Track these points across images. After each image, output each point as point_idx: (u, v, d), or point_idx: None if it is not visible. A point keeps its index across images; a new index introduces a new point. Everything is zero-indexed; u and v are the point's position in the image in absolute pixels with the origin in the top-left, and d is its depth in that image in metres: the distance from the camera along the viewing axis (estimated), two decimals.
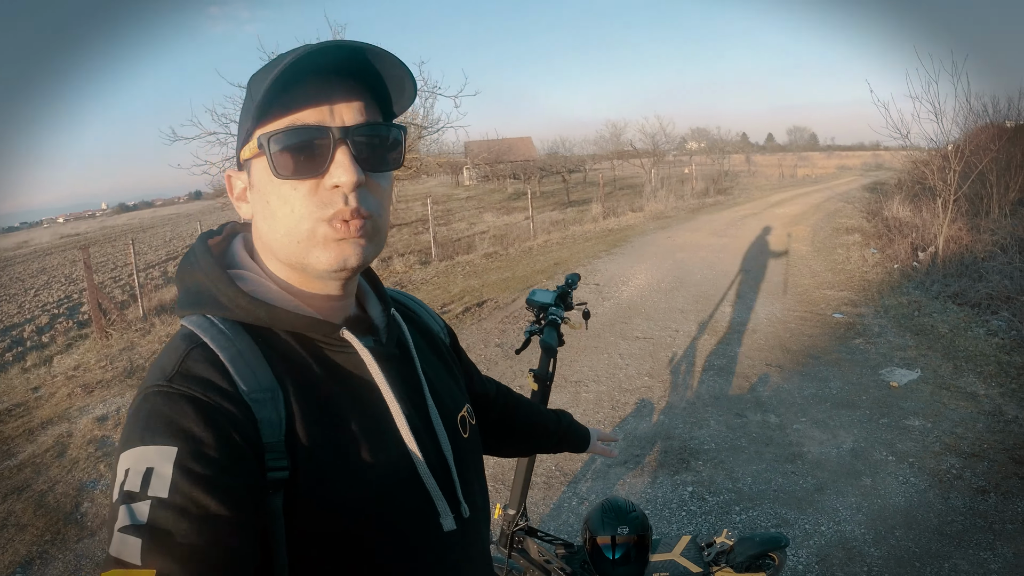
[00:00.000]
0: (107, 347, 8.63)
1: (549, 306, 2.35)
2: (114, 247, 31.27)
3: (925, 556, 3.32)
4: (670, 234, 15.43)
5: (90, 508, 4.34)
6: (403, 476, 0.88)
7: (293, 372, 0.83)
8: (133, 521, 0.64)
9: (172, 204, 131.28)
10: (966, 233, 10.20)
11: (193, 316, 0.85)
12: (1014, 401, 5.01)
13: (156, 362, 0.80)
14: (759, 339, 6.92)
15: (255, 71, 0.87)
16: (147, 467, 0.67)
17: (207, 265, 0.87)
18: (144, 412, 0.72)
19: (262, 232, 0.87)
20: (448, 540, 0.92)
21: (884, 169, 40.44)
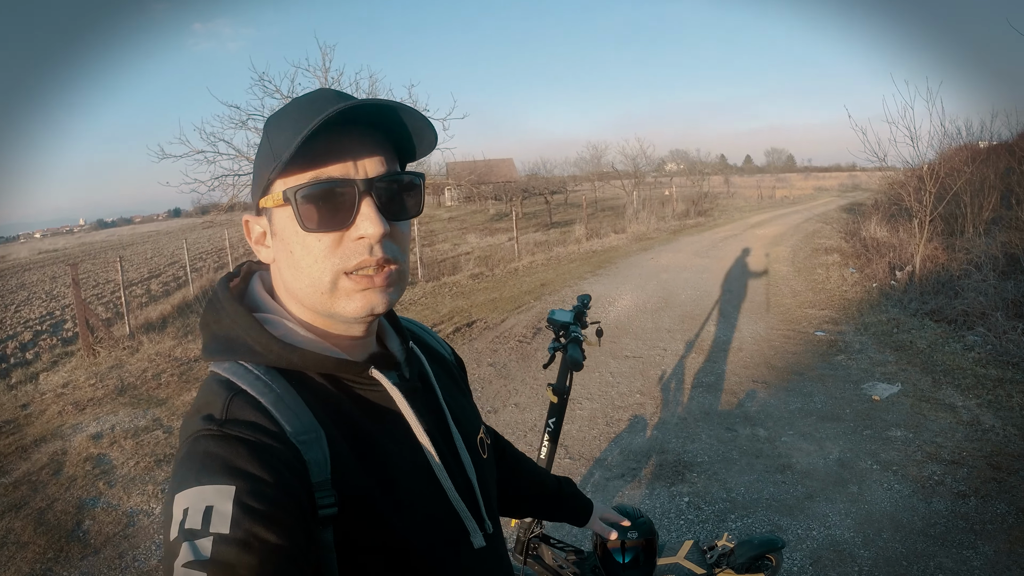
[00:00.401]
0: (95, 365, 8.58)
1: (569, 324, 2.51)
2: (94, 263, 30.77)
3: (912, 556, 3.49)
4: (653, 255, 15.64)
5: (92, 526, 4.33)
6: (436, 502, 0.93)
7: (330, 412, 0.86)
8: (197, 557, 0.66)
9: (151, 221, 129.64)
10: (942, 252, 10.44)
11: (225, 363, 0.87)
12: (990, 411, 5.22)
13: (195, 409, 0.83)
14: (745, 357, 7.10)
15: (272, 115, 0.91)
16: (207, 505, 0.69)
17: (235, 312, 0.89)
18: (198, 454, 0.74)
19: (286, 279, 0.89)
20: (478, 556, 0.98)
21: (861, 190, 41.05)
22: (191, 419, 0.81)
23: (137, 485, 4.85)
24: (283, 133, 0.83)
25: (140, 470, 5.10)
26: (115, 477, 5.00)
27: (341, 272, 0.84)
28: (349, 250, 0.84)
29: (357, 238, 0.83)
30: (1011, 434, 4.80)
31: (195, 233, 39.49)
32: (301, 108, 0.85)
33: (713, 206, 33.10)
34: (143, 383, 7.47)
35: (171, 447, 5.48)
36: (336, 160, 0.83)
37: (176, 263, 26.64)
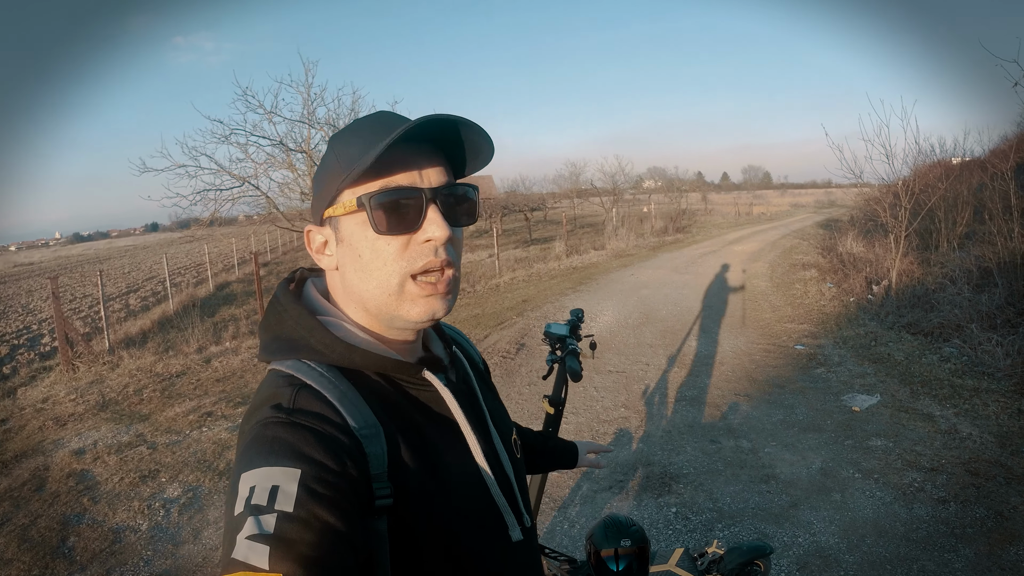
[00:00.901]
0: (75, 380, 8.50)
1: (566, 337, 2.56)
2: (71, 277, 30.27)
3: (895, 560, 3.57)
4: (633, 271, 15.73)
5: (77, 542, 4.28)
6: (480, 497, 0.99)
7: (387, 409, 0.92)
8: (260, 531, 0.70)
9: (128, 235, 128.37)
10: (917, 267, 10.62)
11: (288, 361, 0.92)
12: (967, 420, 5.34)
13: (261, 400, 0.87)
14: (726, 371, 7.19)
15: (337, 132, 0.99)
16: (273, 484, 0.73)
17: (298, 314, 0.95)
18: (267, 438, 0.79)
19: (352, 283, 0.95)
20: (516, 549, 1.04)
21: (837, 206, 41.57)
22: (257, 409, 0.86)
23: (122, 501, 4.81)
24: (352, 147, 0.91)
25: (125, 486, 5.05)
26: (99, 493, 4.96)
27: (408, 275, 0.91)
28: (416, 252, 0.91)
29: (424, 241, 0.90)
30: (988, 441, 4.91)
31: (173, 248, 39.17)
32: (369, 125, 0.93)
33: (691, 223, 33.33)
34: (125, 399, 7.42)
35: (156, 463, 5.44)
36: (404, 171, 0.90)
37: (154, 278, 26.35)
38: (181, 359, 9.13)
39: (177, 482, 5.09)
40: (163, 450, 5.72)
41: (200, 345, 10.05)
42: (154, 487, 5.03)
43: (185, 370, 8.57)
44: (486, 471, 1.00)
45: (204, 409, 6.77)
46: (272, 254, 34.28)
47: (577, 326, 2.70)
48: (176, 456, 5.59)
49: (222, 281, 22.12)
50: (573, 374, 2.40)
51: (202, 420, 6.45)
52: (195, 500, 4.79)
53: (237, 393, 7.35)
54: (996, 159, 11.92)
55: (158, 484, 5.08)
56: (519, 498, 1.09)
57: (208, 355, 9.38)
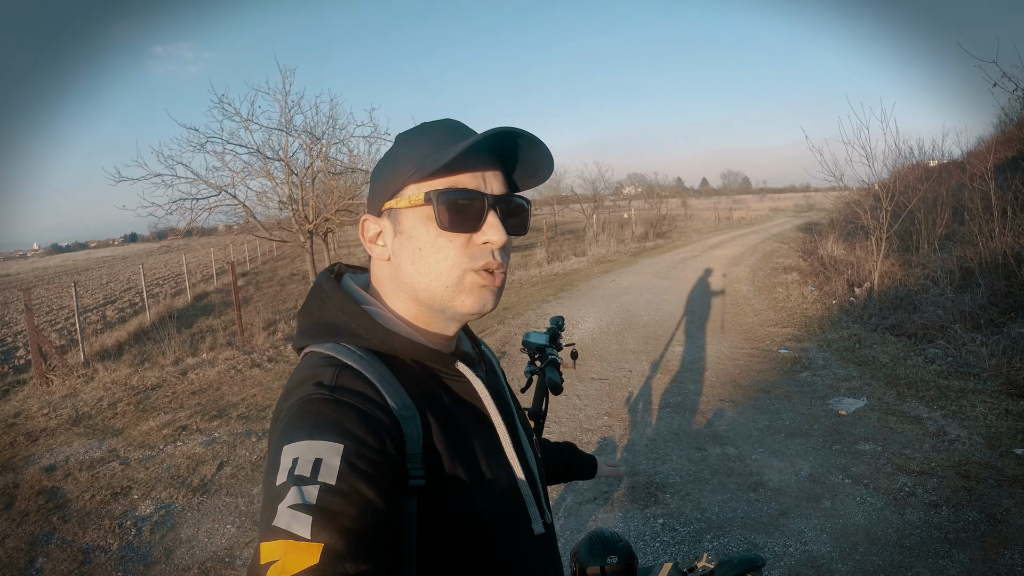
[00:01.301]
0: (48, 393, 8.33)
1: (545, 347, 2.45)
2: (48, 289, 29.95)
3: (889, 568, 3.48)
4: (615, 277, 15.73)
5: (46, 563, 4.15)
6: (508, 488, 1.00)
7: (422, 395, 0.94)
8: (304, 501, 0.72)
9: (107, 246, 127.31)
10: (899, 268, 10.65)
11: (327, 343, 0.95)
12: (955, 421, 5.29)
13: (302, 378, 0.89)
14: (710, 376, 7.12)
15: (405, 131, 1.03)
16: (316, 457, 0.75)
17: (341, 300, 0.98)
18: (311, 413, 0.81)
19: (406, 274, 0.97)
20: (537, 542, 1.04)
21: (816, 210, 41.91)
22: (299, 386, 0.88)
23: (93, 520, 4.67)
24: (424, 147, 0.96)
25: (96, 504, 4.91)
26: (70, 512, 4.81)
27: (468, 270, 0.94)
28: (476, 252, 0.94)
29: (483, 243, 0.94)
30: (977, 443, 4.86)
31: (152, 258, 38.83)
32: (441, 128, 0.99)
33: (672, 228, 33.51)
34: (98, 412, 7.26)
35: (128, 479, 5.31)
36: (470, 174, 0.95)
37: (132, 288, 26.04)
38: (157, 371, 8.96)
39: (149, 499, 4.95)
40: (136, 466, 5.58)
41: (177, 357, 9.89)
42: (126, 505, 4.90)
43: (160, 383, 8.40)
44: (514, 462, 1.02)
45: (179, 423, 6.62)
46: (252, 263, 34.06)
47: (557, 335, 2.59)
48: (149, 472, 5.44)
49: (200, 291, 21.89)
50: (553, 387, 2.29)
51: (176, 434, 6.30)
52: (167, 518, 4.65)
53: (213, 406, 7.19)
54: (975, 160, 12.00)
55: (130, 502, 4.94)
56: (542, 493, 1.11)
57: (184, 367, 9.22)
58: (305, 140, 12.14)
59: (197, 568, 3.99)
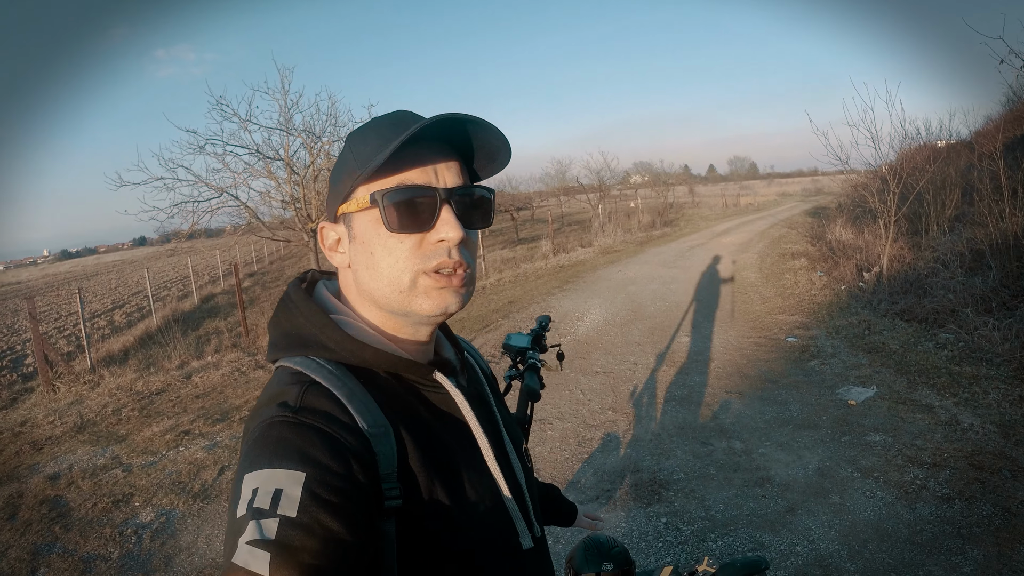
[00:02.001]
0: (55, 401, 8.33)
1: (527, 350, 2.35)
2: (58, 295, 30.17)
3: (900, 566, 3.38)
4: (621, 268, 15.65)
5: (47, 573, 4.14)
6: (492, 502, 0.95)
7: (397, 409, 0.89)
8: (262, 536, 0.68)
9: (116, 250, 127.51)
10: (908, 251, 10.51)
11: (296, 357, 0.90)
12: (968, 409, 5.17)
13: (268, 398, 0.85)
14: (717, 367, 7.02)
15: (355, 129, 0.97)
16: (276, 488, 0.71)
17: (309, 311, 0.93)
18: (272, 439, 0.76)
19: (362, 281, 0.92)
20: (526, 558, 1.00)
21: (824, 194, 41.74)
22: (264, 407, 0.83)
23: (94, 528, 4.64)
24: (368, 144, 0.90)
25: (97, 512, 4.89)
26: (72, 520, 4.79)
27: (421, 272, 0.89)
28: (429, 252, 0.89)
29: (437, 241, 0.89)
30: (990, 432, 4.75)
31: (160, 262, 39.02)
32: (387, 123, 0.92)
33: (679, 216, 33.42)
34: (103, 419, 7.23)
35: (130, 486, 5.27)
36: (419, 169, 0.89)
37: (140, 293, 26.20)
38: (162, 376, 8.94)
39: (151, 506, 4.92)
40: (138, 472, 5.55)
41: (182, 360, 9.90)
42: (127, 512, 4.87)
43: (165, 387, 8.38)
44: (498, 476, 0.97)
45: (182, 428, 6.59)
46: (258, 264, 34.17)
47: (541, 336, 2.49)
48: (151, 479, 5.41)
49: (207, 293, 21.99)
50: (530, 393, 2.20)
51: (179, 439, 6.26)
52: (168, 525, 4.61)
53: (216, 409, 7.15)
54: (984, 139, 11.83)
55: (131, 509, 4.92)
56: (530, 506, 1.06)
57: (189, 370, 9.20)
58: (305, 139, 12.11)
59: (195, 575, 3.94)
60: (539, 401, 2.28)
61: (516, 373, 2.30)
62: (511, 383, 2.29)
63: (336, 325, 0.91)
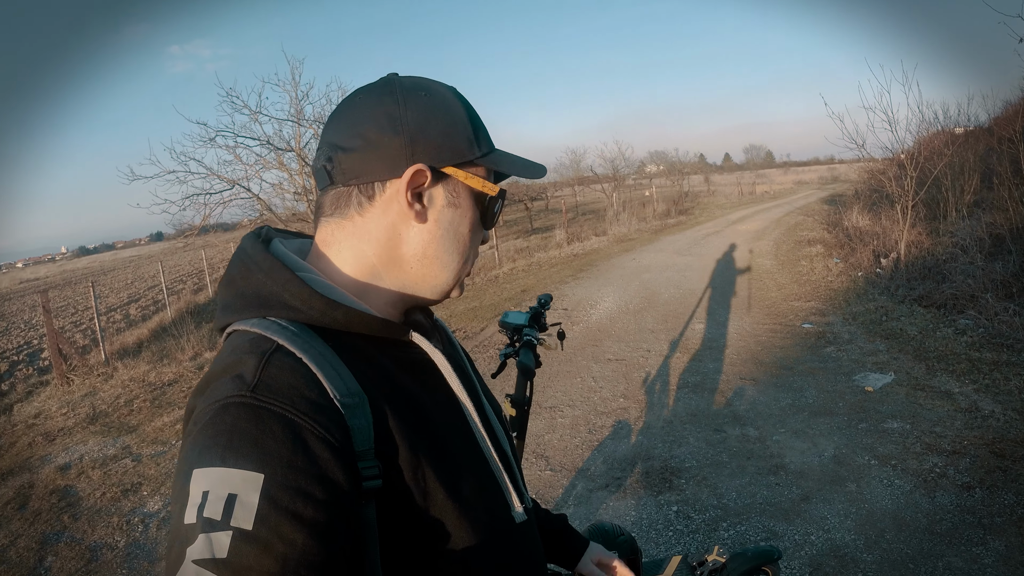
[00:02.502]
0: (68, 393, 8.40)
1: (523, 327, 2.27)
2: (74, 291, 30.66)
3: (918, 557, 3.28)
4: (635, 256, 15.55)
5: (54, 562, 4.15)
6: (481, 473, 0.88)
7: (371, 375, 0.79)
8: (212, 554, 0.60)
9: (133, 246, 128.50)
10: (926, 237, 10.37)
11: (252, 319, 0.79)
12: (988, 396, 5.05)
13: (222, 367, 0.73)
14: (731, 354, 6.92)
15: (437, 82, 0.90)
16: (229, 492, 0.62)
17: (270, 266, 0.81)
18: (226, 427, 0.66)
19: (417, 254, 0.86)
20: (519, 531, 0.93)
21: (840, 182, 41.42)
22: (215, 380, 0.72)
23: (102, 517, 4.67)
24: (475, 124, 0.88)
25: (106, 501, 4.92)
26: (80, 510, 4.83)
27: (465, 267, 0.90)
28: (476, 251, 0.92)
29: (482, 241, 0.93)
30: (1012, 419, 4.62)
31: (175, 256, 39.29)
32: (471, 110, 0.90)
33: (694, 205, 33.30)
34: (115, 410, 7.28)
35: (139, 476, 5.30)
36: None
37: (155, 287, 26.45)
38: (175, 367, 8.99)
39: (158, 495, 4.94)
40: (147, 462, 5.58)
41: (195, 351, 9.94)
42: (135, 501, 4.90)
43: (177, 378, 8.42)
44: (486, 443, 0.90)
45: None
46: None
47: (540, 314, 2.41)
48: (160, 468, 5.44)
49: None
50: (524, 370, 2.12)
51: None
52: None
53: None
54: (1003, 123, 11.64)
55: (139, 498, 4.94)
56: (518, 475, 0.99)
57: (202, 361, 9.26)
58: (317, 129, 12.10)
59: None
60: (535, 379, 2.20)
61: (512, 351, 2.23)
62: (506, 361, 2.22)
63: (302, 281, 0.80)
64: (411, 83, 0.86)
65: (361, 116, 0.83)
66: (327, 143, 0.85)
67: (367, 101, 0.84)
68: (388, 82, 0.86)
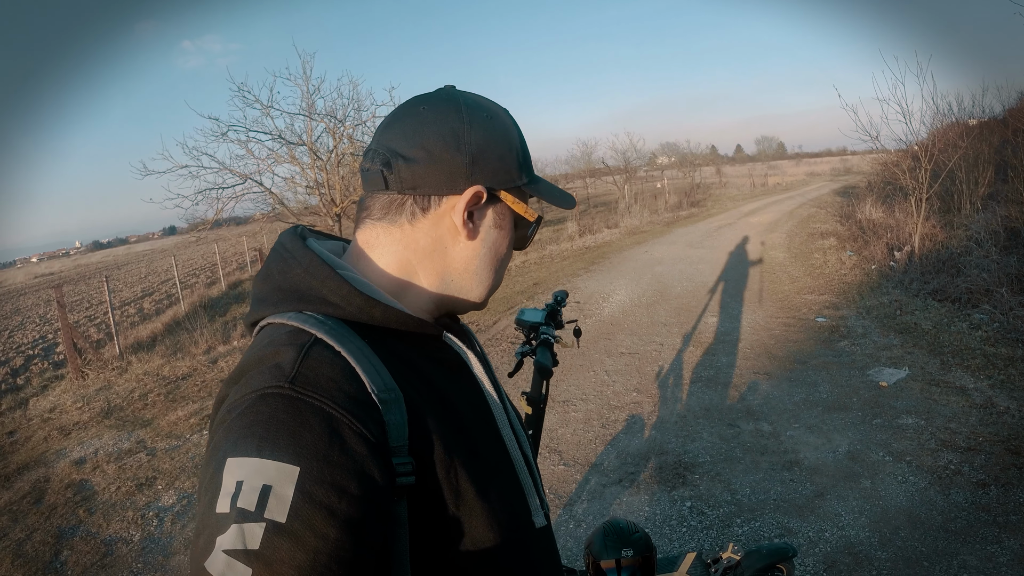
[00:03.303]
0: (83, 387, 8.43)
1: (540, 325, 2.26)
2: (88, 285, 30.77)
3: (933, 555, 3.27)
4: (647, 248, 15.51)
5: (70, 556, 4.18)
6: (508, 477, 0.90)
7: (407, 373, 0.80)
8: (244, 545, 0.60)
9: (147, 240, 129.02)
10: (940, 230, 10.30)
11: (289, 313, 0.80)
12: (1004, 392, 5.02)
13: (258, 357, 0.74)
14: (744, 347, 6.90)
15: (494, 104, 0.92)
16: (264, 484, 0.62)
17: (309, 261, 0.82)
18: (263, 417, 0.66)
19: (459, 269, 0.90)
20: (539, 535, 0.93)
21: (853, 173, 41.12)
22: (253, 369, 0.73)
23: (117, 511, 4.69)
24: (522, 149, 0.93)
25: (121, 495, 4.94)
26: (95, 504, 4.84)
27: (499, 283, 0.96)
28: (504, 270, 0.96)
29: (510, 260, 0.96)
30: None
31: (188, 250, 39.38)
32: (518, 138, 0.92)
33: (706, 196, 33.14)
34: (129, 404, 7.31)
35: (153, 470, 5.32)
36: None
37: (169, 280, 26.55)
38: (188, 361, 9.02)
39: (173, 489, 4.97)
40: (162, 456, 5.61)
41: (209, 345, 9.99)
42: (150, 495, 4.92)
43: (191, 372, 8.45)
44: (513, 447, 0.92)
45: (206, 412, 6.64)
46: None
47: (556, 311, 2.39)
48: (174, 462, 5.46)
49: (235, 280, 22.21)
50: (541, 369, 2.11)
51: (203, 423, 6.32)
52: (189, 508, 4.65)
53: None
54: (1018, 115, 11.54)
55: (154, 492, 4.96)
56: (539, 481, 1.00)
57: (215, 355, 9.29)
58: (328, 123, 12.11)
59: None
60: (552, 378, 2.19)
61: (528, 349, 2.22)
62: (523, 359, 2.21)
63: (342, 278, 0.81)
64: (473, 102, 0.88)
65: (425, 128, 0.84)
66: (386, 148, 0.85)
67: (431, 114, 0.85)
68: (451, 97, 0.88)
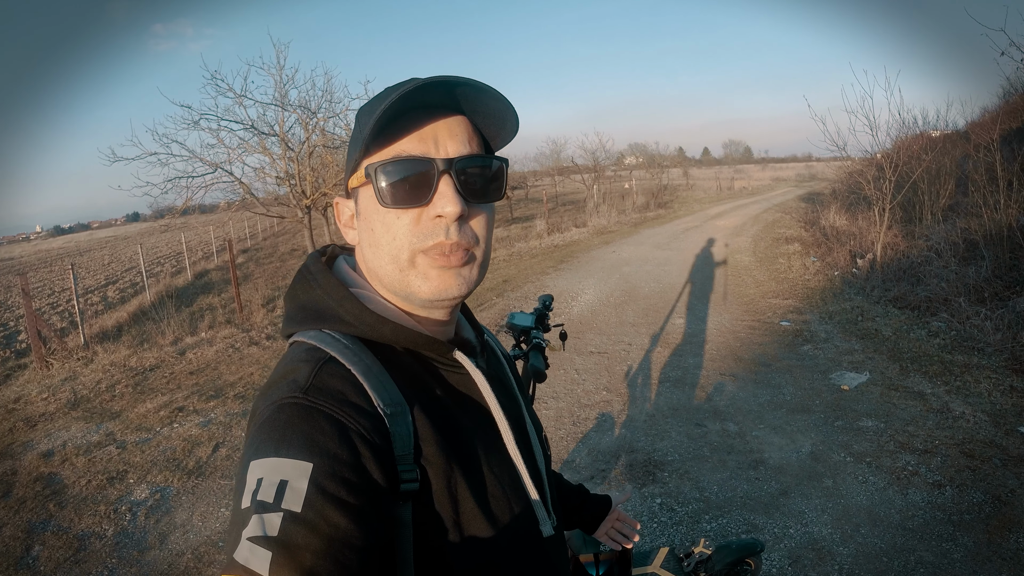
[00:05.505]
0: (48, 377, 8.28)
1: (531, 329, 2.32)
2: (51, 271, 30.00)
3: (891, 551, 3.42)
4: (615, 248, 15.65)
5: (42, 551, 4.10)
6: (512, 488, 0.92)
7: (415, 387, 0.86)
8: (264, 532, 0.65)
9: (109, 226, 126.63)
10: (902, 239, 10.55)
11: (311, 332, 0.87)
12: (959, 398, 5.21)
13: (280, 374, 0.82)
14: (711, 349, 7.04)
15: (363, 104, 0.92)
16: (281, 479, 0.68)
17: (328, 283, 0.90)
18: (281, 423, 0.73)
19: (368, 259, 0.90)
20: (546, 545, 0.98)
21: (818, 180, 41.72)
22: (274, 385, 0.80)
23: (88, 506, 4.63)
24: (370, 116, 0.83)
25: (92, 489, 4.87)
26: (66, 498, 4.77)
27: (418, 251, 0.84)
28: (427, 229, 0.84)
29: (434, 216, 0.83)
30: (981, 420, 4.78)
31: (153, 237, 38.76)
32: (387, 92, 0.85)
33: (673, 198, 33.37)
34: (96, 395, 7.20)
35: (124, 463, 5.25)
36: (417, 139, 0.84)
37: (133, 268, 26.05)
38: (156, 351, 8.90)
39: (145, 483, 4.91)
40: (132, 449, 5.53)
41: (176, 336, 9.85)
42: (121, 489, 4.86)
43: (159, 363, 8.34)
44: (518, 461, 0.95)
45: (176, 404, 6.57)
46: (252, 240, 34.04)
47: (545, 315, 2.46)
48: (145, 455, 5.40)
49: (201, 269, 21.87)
50: (536, 373, 2.18)
51: (173, 416, 6.24)
52: (162, 502, 4.60)
53: (210, 386, 7.14)
54: (980, 130, 11.85)
55: (126, 486, 4.90)
56: (549, 495, 1.04)
57: (183, 347, 9.17)
58: (301, 114, 12.05)
59: (191, 553, 3.94)
60: (544, 381, 2.26)
61: (520, 353, 2.29)
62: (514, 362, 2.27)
63: (355, 298, 0.88)
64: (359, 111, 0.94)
65: None
66: None
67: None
68: None
